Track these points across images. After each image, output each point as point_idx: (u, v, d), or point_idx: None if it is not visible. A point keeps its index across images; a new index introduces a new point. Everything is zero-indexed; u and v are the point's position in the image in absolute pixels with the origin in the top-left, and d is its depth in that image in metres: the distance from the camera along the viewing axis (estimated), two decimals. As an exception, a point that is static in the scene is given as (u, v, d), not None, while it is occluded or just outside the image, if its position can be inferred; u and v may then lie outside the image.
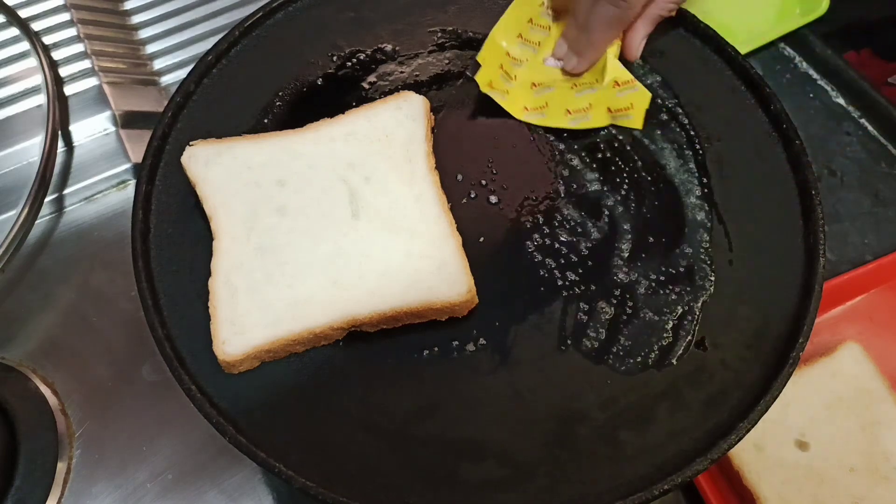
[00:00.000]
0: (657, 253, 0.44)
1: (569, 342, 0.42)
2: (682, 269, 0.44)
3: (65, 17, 0.65)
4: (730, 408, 0.40)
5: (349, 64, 0.51)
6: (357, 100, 0.49)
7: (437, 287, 0.41)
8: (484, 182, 0.47)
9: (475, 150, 0.48)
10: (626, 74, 0.46)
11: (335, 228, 0.43)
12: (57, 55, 0.63)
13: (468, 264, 0.42)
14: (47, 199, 0.58)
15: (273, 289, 0.41)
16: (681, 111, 0.49)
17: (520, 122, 0.49)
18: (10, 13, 0.64)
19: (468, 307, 0.42)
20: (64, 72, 0.63)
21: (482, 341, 0.41)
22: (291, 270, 0.42)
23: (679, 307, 0.43)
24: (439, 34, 0.52)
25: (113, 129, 0.62)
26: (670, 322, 0.42)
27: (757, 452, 0.48)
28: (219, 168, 0.44)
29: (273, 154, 0.45)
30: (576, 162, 0.48)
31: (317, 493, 0.37)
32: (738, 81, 0.49)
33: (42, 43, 0.63)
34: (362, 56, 0.51)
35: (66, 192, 0.61)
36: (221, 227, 0.43)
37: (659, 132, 0.48)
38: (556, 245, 0.45)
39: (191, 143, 0.45)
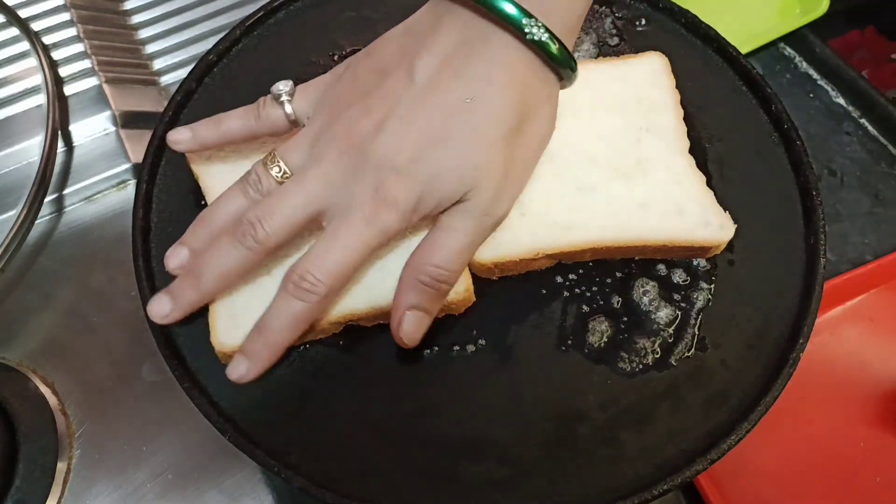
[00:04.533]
0: (657, 253, 0.44)
1: (569, 342, 0.42)
2: (682, 270, 0.44)
3: (65, 17, 0.65)
4: (730, 408, 0.40)
5: (349, 64, 0.51)
6: (357, 100, 0.49)
7: None
8: (484, 182, 0.47)
9: (475, 150, 0.48)
10: None
11: None
12: (57, 55, 0.63)
13: None
14: (47, 199, 0.58)
15: (272, 282, 0.41)
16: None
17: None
18: (10, 13, 0.64)
19: (465, 305, 0.42)
20: (64, 72, 0.62)
21: (482, 341, 0.41)
22: (291, 265, 0.42)
23: (680, 307, 0.43)
24: (439, 34, 0.52)
25: (113, 129, 0.62)
26: (671, 322, 0.42)
27: None
28: (221, 162, 0.45)
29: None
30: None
31: (316, 493, 0.37)
32: (739, 82, 0.49)
33: (42, 43, 0.63)
34: (362, 56, 0.51)
35: (66, 192, 0.61)
36: None
37: (659, 132, 0.48)
38: (557, 245, 0.44)
39: None
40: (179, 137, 0.42)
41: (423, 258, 0.37)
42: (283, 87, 0.40)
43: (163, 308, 0.38)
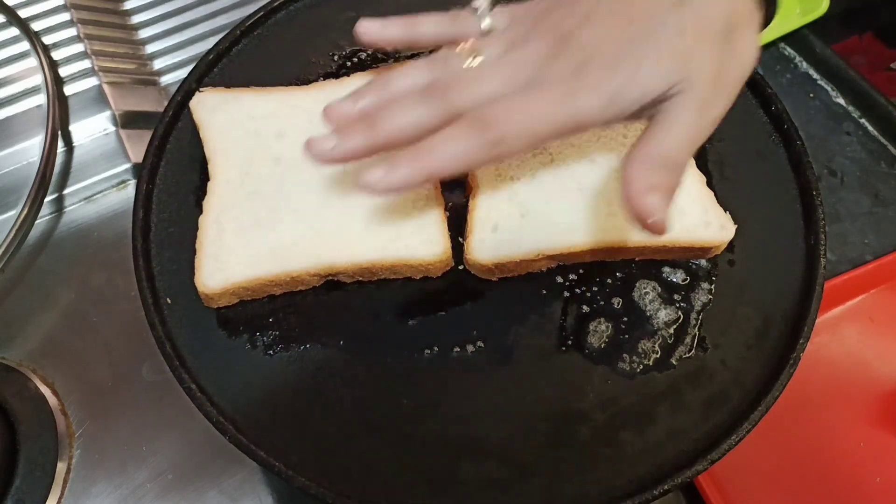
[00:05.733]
0: (657, 253, 0.44)
1: (569, 342, 0.42)
2: (683, 270, 0.44)
3: (65, 17, 0.65)
4: (730, 408, 0.40)
5: (350, 63, 0.51)
6: (357, 100, 0.49)
7: (415, 247, 0.42)
8: (484, 182, 0.47)
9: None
10: None
11: (325, 182, 0.44)
12: (57, 55, 0.63)
13: (447, 227, 0.43)
14: (47, 199, 0.58)
15: (258, 232, 0.42)
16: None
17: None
18: (10, 13, 0.64)
19: (443, 268, 0.43)
20: (64, 72, 0.62)
21: (482, 342, 0.41)
22: (278, 216, 0.43)
23: (680, 308, 0.43)
24: (440, 34, 0.52)
25: (113, 129, 0.62)
26: (671, 323, 0.42)
27: None
28: (223, 115, 0.46)
29: (276, 107, 0.46)
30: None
31: (317, 493, 0.37)
32: (738, 81, 0.49)
33: (42, 43, 0.63)
34: (363, 55, 0.51)
35: (66, 192, 0.60)
36: (218, 170, 0.44)
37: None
38: (557, 245, 0.44)
39: (200, 89, 0.47)
40: (369, 26, 0.40)
41: (647, 148, 0.34)
42: (482, 2, 0.39)
43: (326, 144, 0.36)
